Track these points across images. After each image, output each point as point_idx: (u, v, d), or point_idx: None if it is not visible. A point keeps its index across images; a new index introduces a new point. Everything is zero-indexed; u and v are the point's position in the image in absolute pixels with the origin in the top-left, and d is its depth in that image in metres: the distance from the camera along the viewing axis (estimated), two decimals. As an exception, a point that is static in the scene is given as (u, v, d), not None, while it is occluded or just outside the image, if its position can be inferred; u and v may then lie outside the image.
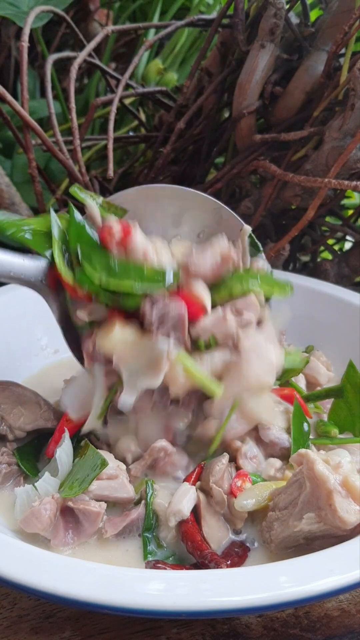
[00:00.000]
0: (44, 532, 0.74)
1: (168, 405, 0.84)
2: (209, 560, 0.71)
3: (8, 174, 1.58)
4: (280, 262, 1.37)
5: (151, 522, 0.78)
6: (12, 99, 1.21)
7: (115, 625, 0.74)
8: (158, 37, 1.43)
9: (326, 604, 0.77)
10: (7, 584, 0.59)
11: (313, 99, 1.24)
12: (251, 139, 1.29)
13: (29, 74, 1.73)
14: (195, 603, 0.57)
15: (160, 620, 0.74)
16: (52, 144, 1.29)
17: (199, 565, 0.73)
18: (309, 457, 0.72)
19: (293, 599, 0.57)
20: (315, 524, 0.70)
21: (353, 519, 0.68)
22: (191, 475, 0.82)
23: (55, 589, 0.57)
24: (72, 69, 1.28)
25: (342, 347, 1.11)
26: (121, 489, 0.79)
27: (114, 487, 0.79)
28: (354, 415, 0.92)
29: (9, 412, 0.92)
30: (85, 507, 0.75)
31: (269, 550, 0.75)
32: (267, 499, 0.78)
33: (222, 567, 0.70)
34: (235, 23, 1.25)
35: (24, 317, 1.13)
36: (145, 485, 0.80)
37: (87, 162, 1.62)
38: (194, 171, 1.48)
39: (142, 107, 1.74)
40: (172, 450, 0.83)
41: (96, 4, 1.98)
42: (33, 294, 1.16)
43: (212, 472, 0.80)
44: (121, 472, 0.81)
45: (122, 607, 0.56)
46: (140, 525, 0.78)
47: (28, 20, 1.25)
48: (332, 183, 1.10)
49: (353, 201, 1.69)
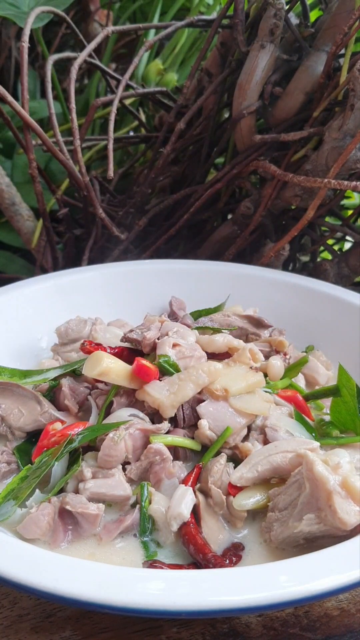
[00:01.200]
0: (43, 537, 0.74)
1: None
2: (213, 564, 0.71)
3: (8, 174, 1.58)
4: (280, 262, 1.37)
5: (146, 525, 0.77)
6: (13, 99, 1.21)
7: (115, 625, 0.74)
8: (158, 38, 1.43)
9: (326, 603, 0.77)
10: (7, 584, 0.59)
11: (313, 99, 1.24)
12: (251, 140, 1.29)
13: (30, 75, 1.74)
14: (195, 603, 0.57)
15: (160, 620, 0.74)
16: (53, 144, 1.29)
17: (200, 566, 0.73)
18: (308, 457, 0.71)
19: (293, 599, 0.57)
20: (315, 525, 0.70)
21: (353, 520, 0.68)
22: (189, 476, 0.82)
23: (56, 589, 0.58)
24: (73, 69, 1.28)
25: (342, 347, 1.11)
26: (118, 487, 0.79)
27: (110, 485, 0.79)
28: (352, 415, 0.93)
29: (9, 412, 0.93)
30: (84, 511, 0.75)
31: (268, 550, 0.75)
32: (266, 499, 0.78)
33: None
34: (235, 23, 1.26)
35: (24, 317, 1.13)
36: (140, 489, 0.80)
37: (87, 163, 1.62)
38: (194, 171, 1.48)
39: (142, 107, 1.75)
40: (168, 456, 0.82)
41: (96, 5, 1.98)
42: (33, 294, 1.17)
43: (210, 473, 0.80)
44: (118, 471, 0.81)
45: (122, 607, 0.57)
46: (136, 530, 0.77)
47: (28, 21, 1.25)
48: (331, 183, 1.10)
49: (353, 201, 1.69)
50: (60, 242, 1.57)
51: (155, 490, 0.81)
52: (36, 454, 0.86)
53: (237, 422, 0.85)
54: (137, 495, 0.80)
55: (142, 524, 0.77)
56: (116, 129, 1.71)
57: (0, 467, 0.86)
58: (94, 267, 1.29)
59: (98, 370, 0.85)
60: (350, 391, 0.93)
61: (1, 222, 1.66)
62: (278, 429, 0.87)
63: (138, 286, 1.26)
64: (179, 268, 1.29)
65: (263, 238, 1.41)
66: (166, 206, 1.44)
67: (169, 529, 0.75)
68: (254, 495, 0.78)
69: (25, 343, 1.12)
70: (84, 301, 1.20)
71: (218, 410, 0.86)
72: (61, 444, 0.82)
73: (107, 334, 1.05)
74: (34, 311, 1.15)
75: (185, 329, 0.97)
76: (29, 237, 1.52)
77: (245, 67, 1.24)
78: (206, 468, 0.82)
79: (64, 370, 0.97)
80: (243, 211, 1.35)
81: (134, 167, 1.66)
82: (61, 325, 1.08)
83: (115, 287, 1.24)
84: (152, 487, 0.81)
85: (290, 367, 1.05)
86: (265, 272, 1.27)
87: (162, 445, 0.82)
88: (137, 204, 1.45)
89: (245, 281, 1.25)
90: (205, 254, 1.46)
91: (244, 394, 0.88)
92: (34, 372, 0.97)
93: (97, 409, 0.91)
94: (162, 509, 0.77)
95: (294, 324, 1.18)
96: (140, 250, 1.48)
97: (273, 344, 1.07)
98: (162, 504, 0.78)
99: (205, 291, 1.23)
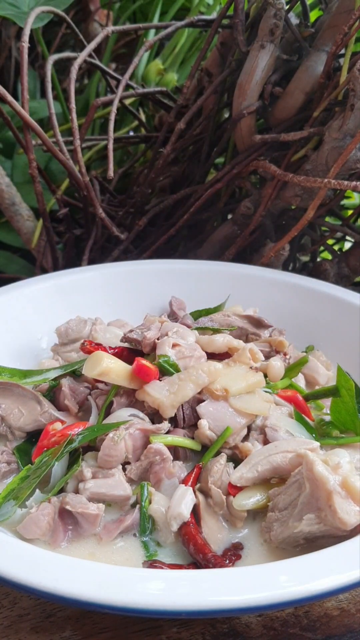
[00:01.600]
0: (43, 537, 0.74)
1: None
2: (213, 564, 0.70)
3: (8, 174, 1.58)
4: (280, 262, 1.37)
5: (146, 525, 0.77)
6: (13, 99, 1.21)
7: (115, 625, 0.74)
8: (158, 38, 1.43)
9: (326, 603, 0.77)
10: (7, 584, 0.59)
11: (313, 99, 1.24)
12: (251, 140, 1.29)
13: (30, 75, 1.74)
14: (195, 603, 0.57)
15: (160, 620, 0.74)
16: (53, 144, 1.29)
17: (199, 566, 0.73)
18: (308, 457, 0.71)
19: (293, 599, 0.57)
20: (315, 525, 0.70)
21: (353, 520, 0.68)
22: (189, 476, 0.82)
23: (56, 589, 0.58)
24: (73, 69, 1.28)
25: (342, 347, 1.11)
26: (118, 487, 0.79)
27: (110, 485, 0.79)
28: (352, 415, 0.93)
29: (9, 412, 0.93)
30: (84, 511, 0.75)
31: (268, 550, 0.75)
32: (266, 499, 0.78)
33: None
34: (235, 24, 1.26)
35: (24, 317, 1.13)
36: (140, 489, 0.80)
37: (87, 163, 1.62)
38: (194, 171, 1.48)
39: (142, 107, 1.75)
40: (168, 456, 0.82)
41: (96, 5, 1.98)
42: (33, 294, 1.17)
43: (210, 473, 0.79)
44: (118, 471, 0.81)
45: (122, 607, 0.57)
46: (136, 529, 0.77)
47: (28, 21, 1.25)
48: (331, 183, 1.10)
49: (353, 201, 1.69)
50: (60, 242, 1.57)
51: (155, 490, 0.81)
52: (36, 454, 0.86)
53: (237, 422, 0.85)
54: (137, 495, 0.80)
55: (142, 523, 0.77)
56: (116, 129, 1.71)
57: (0, 467, 0.86)
58: (94, 267, 1.29)
59: (98, 370, 0.85)
60: (349, 392, 0.93)
61: (1, 222, 1.66)
62: (278, 429, 0.87)
63: (138, 286, 1.26)
64: (179, 268, 1.29)
65: (263, 238, 1.41)
66: (166, 206, 1.44)
67: (169, 529, 0.75)
68: (254, 495, 0.78)
69: (25, 343, 1.12)
70: (84, 301, 1.20)
71: (218, 410, 0.86)
72: (61, 444, 0.82)
73: (107, 334, 1.05)
74: (34, 311, 1.15)
75: (185, 329, 0.97)
76: (29, 237, 1.52)
77: (245, 67, 1.24)
78: (206, 468, 0.82)
79: (64, 370, 0.97)
80: (243, 211, 1.35)
81: (134, 167, 1.66)
82: (61, 325, 1.08)
83: (115, 287, 1.24)
84: (152, 487, 0.81)
85: (290, 367, 1.05)
86: (265, 272, 1.27)
87: (162, 445, 0.82)
88: (137, 204, 1.45)
89: (245, 281, 1.25)
90: (205, 254, 1.46)
91: (244, 394, 0.88)
92: (34, 372, 0.97)
93: (97, 409, 0.91)
94: (162, 509, 0.77)
95: (294, 324, 1.18)
96: (140, 250, 1.48)
97: (273, 344, 1.07)
98: (162, 503, 0.78)
99: (205, 291, 1.23)
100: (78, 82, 2.01)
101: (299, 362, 1.05)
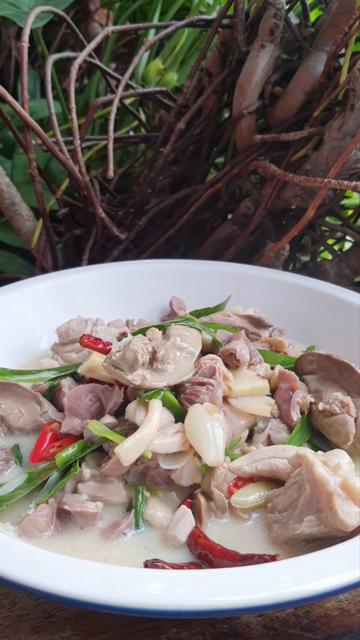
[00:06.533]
0: (42, 537, 0.74)
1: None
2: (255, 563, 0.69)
3: (8, 174, 1.58)
4: (280, 262, 1.37)
5: (139, 526, 0.77)
6: (13, 99, 1.21)
7: (115, 625, 0.74)
8: (158, 38, 1.43)
9: (326, 603, 0.77)
10: (7, 584, 0.59)
11: (313, 99, 1.24)
12: (251, 139, 1.29)
13: (29, 74, 1.74)
14: (195, 603, 0.57)
15: (160, 620, 0.74)
16: (52, 144, 1.29)
17: (199, 564, 0.73)
18: (308, 459, 0.71)
19: (293, 599, 0.57)
20: (315, 526, 0.70)
21: (354, 522, 0.68)
22: (190, 496, 0.81)
23: (56, 589, 0.58)
24: (72, 69, 1.28)
25: (342, 347, 1.11)
26: (117, 493, 0.79)
27: (110, 491, 0.79)
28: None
29: (9, 412, 0.93)
30: (82, 510, 0.75)
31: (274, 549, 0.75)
32: (265, 499, 0.78)
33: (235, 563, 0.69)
34: (235, 23, 1.26)
35: (24, 317, 1.14)
36: (135, 494, 0.80)
37: (87, 162, 1.62)
38: (194, 171, 1.48)
39: (142, 107, 1.75)
40: None
41: (96, 5, 1.98)
42: (33, 294, 1.17)
43: (213, 476, 0.79)
44: (116, 478, 0.81)
45: (122, 607, 0.57)
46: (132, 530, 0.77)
47: (28, 21, 1.25)
48: (331, 183, 1.10)
49: (353, 201, 1.69)
50: (60, 242, 1.57)
51: (151, 495, 0.81)
52: (34, 455, 0.86)
53: (237, 422, 0.85)
54: (132, 500, 0.80)
55: (136, 526, 0.77)
56: (116, 128, 1.71)
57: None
58: (94, 267, 1.29)
59: (85, 365, 0.85)
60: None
61: (1, 222, 1.66)
62: (281, 430, 0.87)
63: (138, 286, 1.26)
64: (179, 268, 1.29)
65: (263, 238, 1.41)
66: (166, 206, 1.44)
67: (170, 541, 0.75)
68: (253, 494, 0.79)
69: (25, 343, 1.12)
70: (84, 301, 1.20)
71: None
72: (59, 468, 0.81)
73: (108, 335, 1.05)
74: (34, 311, 1.15)
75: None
76: (29, 237, 1.52)
77: (245, 67, 1.24)
78: (209, 471, 0.82)
79: (60, 372, 0.97)
80: (243, 211, 1.35)
81: (134, 167, 1.66)
82: (62, 325, 1.08)
83: (115, 287, 1.24)
84: (148, 491, 0.81)
85: (291, 367, 1.05)
86: (265, 272, 1.27)
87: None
88: (137, 204, 1.45)
89: (245, 281, 1.25)
90: (205, 254, 1.46)
91: (247, 397, 0.88)
92: (26, 372, 0.97)
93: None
94: (157, 514, 0.77)
95: (294, 324, 1.18)
96: (140, 250, 1.48)
97: (273, 344, 1.07)
98: (158, 508, 0.78)
99: (205, 291, 1.23)
100: (78, 82, 2.01)
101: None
